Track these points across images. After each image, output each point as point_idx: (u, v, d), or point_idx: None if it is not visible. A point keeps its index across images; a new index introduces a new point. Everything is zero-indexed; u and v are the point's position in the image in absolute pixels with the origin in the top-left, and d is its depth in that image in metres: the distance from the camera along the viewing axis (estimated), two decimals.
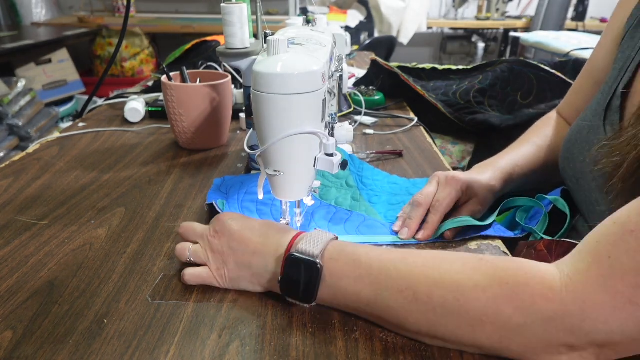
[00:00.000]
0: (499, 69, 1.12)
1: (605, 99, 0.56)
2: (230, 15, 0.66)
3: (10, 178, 0.74)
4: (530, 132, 0.74)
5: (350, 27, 3.13)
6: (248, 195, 0.66)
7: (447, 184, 0.60)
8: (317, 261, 0.42)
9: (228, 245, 0.47)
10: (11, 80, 2.18)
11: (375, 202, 0.67)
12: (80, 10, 3.53)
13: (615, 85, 0.56)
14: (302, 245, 0.44)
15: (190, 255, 0.49)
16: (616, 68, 0.58)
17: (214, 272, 0.48)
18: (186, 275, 0.48)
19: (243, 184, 0.69)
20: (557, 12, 3.16)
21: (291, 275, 0.43)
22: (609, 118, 0.55)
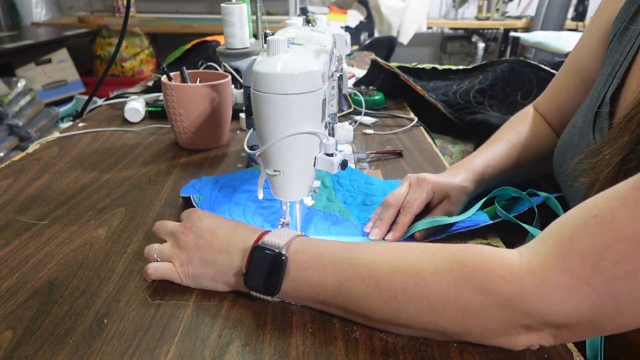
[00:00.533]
0: (499, 69, 1.12)
1: (595, 104, 0.56)
2: (230, 15, 0.66)
3: (10, 178, 0.74)
4: (504, 129, 0.73)
5: (350, 27, 3.13)
6: (220, 193, 0.66)
7: (418, 185, 0.61)
8: (282, 252, 0.43)
9: (195, 242, 0.48)
10: (11, 80, 2.18)
11: (349, 203, 0.66)
12: (80, 10, 3.53)
13: (604, 91, 0.55)
14: (268, 238, 0.44)
15: (156, 254, 0.49)
16: (604, 73, 0.57)
17: (178, 268, 0.48)
18: (149, 269, 0.48)
19: (217, 182, 0.69)
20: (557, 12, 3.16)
21: (255, 267, 0.44)
22: (598, 125, 0.54)
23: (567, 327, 0.35)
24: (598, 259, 0.33)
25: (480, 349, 0.41)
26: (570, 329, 0.35)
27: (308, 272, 0.43)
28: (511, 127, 0.73)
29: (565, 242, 0.35)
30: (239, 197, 0.65)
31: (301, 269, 0.43)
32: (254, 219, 0.61)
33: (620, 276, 0.32)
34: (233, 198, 0.65)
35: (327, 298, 0.43)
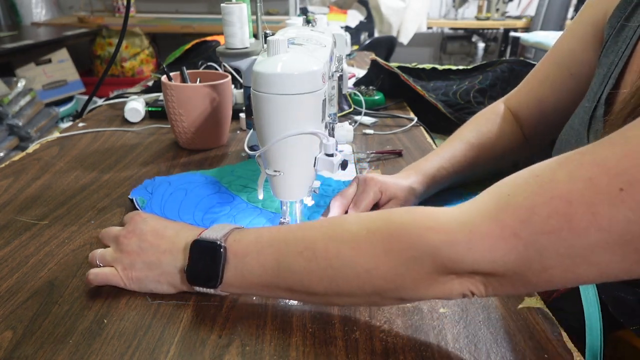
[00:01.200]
0: (499, 69, 1.12)
1: (591, 106, 0.55)
2: (230, 15, 0.66)
3: (10, 178, 0.74)
4: (466, 126, 0.72)
5: (350, 27, 3.13)
6: (172, 197, 0.66)
7: (366, 184, 0.61)
8: (220, 243, 0.43)
9: (138, 245, 0.47)
10: (11, 80, 2.18)
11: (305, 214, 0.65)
12: (80, 10, 3.53)
13: (600, 92, 0.54)
14: (206, 233, 0.45)
15: (98, 259, 0.49)
16: (600, 74, 0.56)
17: (120, 272, 0.47)
18: (90, 274, 0.47)
19: (170, 184, 0.69)
20: (557, 12, 3.16)
21: (196, 262, 0.44)
22: (593, 127, 0.54)
23: (495, 277, 0.36)
24: (530, 213, 0.33)
25: (480, 350, 0.41)
26: (498, 279, 0.36)
27: (248, 257, 0.43)
28: (473, 124, 0.72)
29: (501, 197, 0.36)
30: (189, 202, 0.65)
31: (241, 256, 0.43)
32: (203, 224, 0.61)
33: (548, 231, 0.33)
34: (183, 202, 0.65)
35: (269, 280, 0.43)
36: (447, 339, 0.43)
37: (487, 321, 0.45)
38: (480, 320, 0.45)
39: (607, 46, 0.57)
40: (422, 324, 0.44)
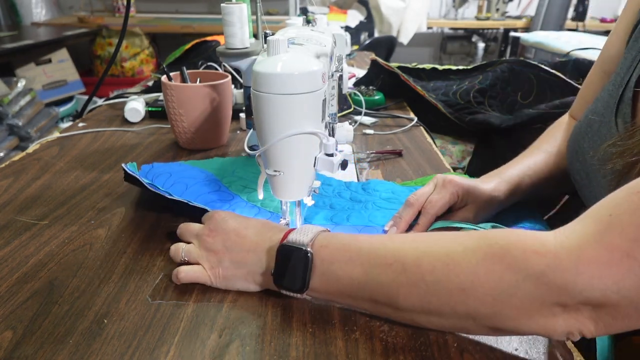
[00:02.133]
0: (499, 69, 1.12)
1: (617, 90, 0.54)
2: (230, 15, 0.66)
3: (10, 178, 0.74)
4: (542, 138, 0.72)
5: (350, 27, 3.13)
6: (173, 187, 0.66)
7: (444, 186, 0.59)
8: (307, 249, 0.43)
9: (223, 244, 0.47)
10: (11, 80, 2.18)
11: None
12: (80, 10, 3.53)
13: (628, 76, 0.53)
14: (293, 236, 0.44)
15: (184, 254, 0.49)
16: (628, 58, 0.55)
17: (208, 270, 0.48)
18: (181, 272, 0.48)
19: (171, 176, 0.69)
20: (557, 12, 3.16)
21: (283, 265, 0.44)
22: (621, 111, 0.52)
23: (607, 308, 0.33)
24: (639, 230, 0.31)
25: (480, 349, 0.41)
26: (610, 310, 0.33)
27: (334, 265, 0.43)
28: (548, 135, 0.71)
29: (603, 218, 0.34)
30: (188, 196, 0.64)
31: (327, 263, 0.43)
32: None
33: None
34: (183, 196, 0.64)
35: (355, 290, 0.42)
36: (447, 339, 0.43)
37: None
38: None
39: (636, 31, 0.56)
40: None
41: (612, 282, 0.32)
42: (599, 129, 0.55)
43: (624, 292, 0.32)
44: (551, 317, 0.35)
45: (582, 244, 0.33)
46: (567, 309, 0.34)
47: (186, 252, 0.49)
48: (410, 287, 0.39)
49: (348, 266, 0.42)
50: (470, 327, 0.39)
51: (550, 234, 0.36)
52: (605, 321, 0.33)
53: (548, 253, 0.34)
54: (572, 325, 0.34)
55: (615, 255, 0.32)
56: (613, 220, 0.33)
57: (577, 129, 0.60)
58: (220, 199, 0.65)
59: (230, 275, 0.47)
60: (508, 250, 0.36)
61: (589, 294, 0.33)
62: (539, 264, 0.34)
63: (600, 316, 0.33)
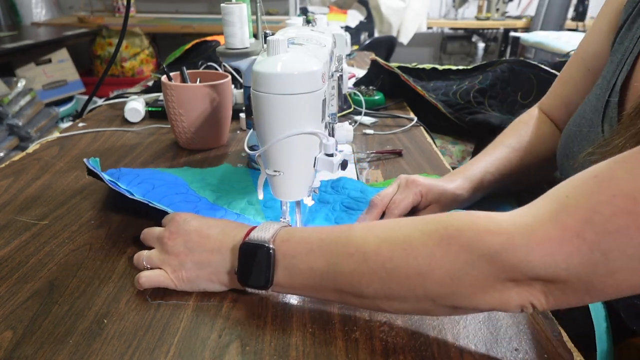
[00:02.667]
0: (499, 69, 1.12)
1: (604, 94, 0.55)
2: (230, 15, 0.66)
3: (10, 178, 0.74)
4: (505, 133, 0.72)
5: (350, 27, 3.13)
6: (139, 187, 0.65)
7: (407, 186, 0.60)
8: (269, 245, 0.43)
9: (185, 245, 0.47)
10: (11, 80, 2.18)
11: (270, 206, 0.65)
12: (80, 10, 3.53)
13: (614, 80, 0.54)
14: (254, 234, 0.44)
15: (145, 261, 0.49)
16: (614, 61, 0.56)
17: (171, 274, 0.47)
18: (142, 278, 0.47)
19: (138, 176, 0.68)
20: (557, 12, 3.16)
21: (246, 263, 0.44)
22: (607, 116, 0.53)
23: (557, 284, 0.34)
24: (592, 213, 0.32)
25: (480, 349, 0.41)
26: (560, 286, 0.34)
27: (296, 259, 0.43)
28: (513, 130, 0.72)
29: (560, 199, 0.35)
30: (154, 196, 0.64)
31: (289, 257, 0.43)
32: None
33: (613, 230, 0.31)
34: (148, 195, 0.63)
35: (319, 281, 0.42)
36: (447, 339, 0.43)
37: (487, 321, 0.45)
38: (480, 320, 0.45)
39: (621, 33, 0.57)
40: (422, 324, 0.44)
41: (562, 260, 0.33)
42: (587, 133, 0.56)
43: (572, 269, 0.33)
44: (506, 292, 0.36)
45: (535, 223, 0.34)
46: (519, 284, 0.35)
47: (147, 259, 0.49)
48: (371, 275, 0.40)
49: (310, 258, 0.42)
50: (430, 308, 0.39)
51: (505, 214, 0.37)
52: (556, 295, 0.35)
53: (502, 232, 0.35)
54: (524, 298, 0.35)
55: (567, 234, 0.33)
56: (569, 202, 0.34)
57: (566, 133, 0.61)
58: (185, 200, 0.64)
59: (194, 277, 0.47)
60: (462, 231, 0.37)
61: (540, 271, 0.34)
62: (493, 244, 0.35)
63: (551, 290, 0.35)
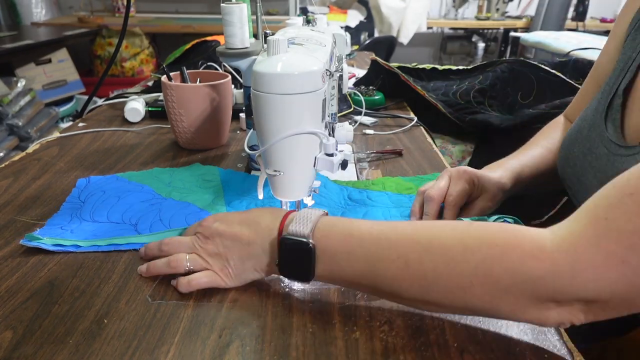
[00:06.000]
0: (499, 69, 1.12)
1: (607, 98, 0.56)
2: (230, 15, 0.66)
3: (10, 178, 0.74)
4: (538, 135, 0.75)
5: (350, 27, 3.13)
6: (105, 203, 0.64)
7: (459, 177, 0.61)
8: (309, 241, 0.43)
9: (222, 244, 0.48)
10: (11, 80, 2.18)
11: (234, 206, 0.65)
12: (80, 10, 3.53)
13: (617, 84, 0.56)
14: (293, 227, 0.44)
15: (190, 263, 0.48)
16: (617, 68, 0.58)
17: (219, 272, 0.48)
18: (193, 281, 0.47)
19: (104, 193, 0.67)
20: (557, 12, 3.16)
21: (287, 258, 0.45)
22: (610, 116, 0.55)
23: (599, 303, 0.35)
24: (636, 237, 0.32)
25: (480, 349, 0.41)
26: (601, 305, 0.35)
27: (337, 256, 0.43)
28: (545, 133, 0.74)
29: (599, 222, 0.35)
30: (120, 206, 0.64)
31: (330, 254, 0.44)
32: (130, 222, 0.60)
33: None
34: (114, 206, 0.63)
35: (358, 279, 0.43)
36: (447, 339, 0.43)
37: (487, 321, 0.45)
38: (480, 320, 0.45)
39: (627, 42, 0.59)
40: (422, 324, 0.44)
41: (606, 285, 0.34)
42: (588, 133, 0.58)
43: (617, 293, 0.34)
44: (545, 311, 0.36)
45: (579, 248, 0.35)
46: (560, 304, 0.36)
47: (192, 261, 0.48)
48: (412, 281, 0.40)
49: (351, 258, 0.43)
50: (469, 314, 0.42)
51: (547, 235, 0.37)
52: (595, 313, 0.36)
53: (546, 258, 0.35)
54: (564, 317, 0.36)
55: (611, 261, 0.33)
56: (609, 225, 0.34)
57: (567, 137, 0.62)
58: (150, 203, 0.64)
59: (241, 271, 0.48)
60: (507, 253, 0.37)
61: (583, 295, 0.35)
62: (537, 269, 0.35)
63: (591, 309, 0.35)
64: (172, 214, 0.62)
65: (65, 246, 0.55)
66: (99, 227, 0.59)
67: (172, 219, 0.61)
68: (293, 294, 0.48)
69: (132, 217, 0.61)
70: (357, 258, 0.42)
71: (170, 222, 0.60)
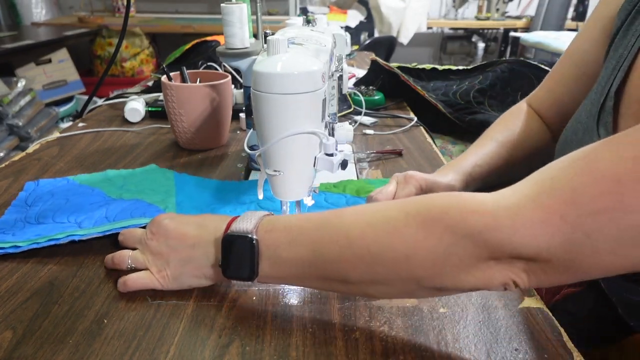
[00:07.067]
0: (499, 69, 1.12)
1: (599, 99, 0.55)
2: (230, 15, 0.66)
3: (10, 178, 0.74)
4: (493, 127, 0.73)
5: (350, 27, 3.13)
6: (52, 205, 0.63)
7: (407, 182, 0.61)
8: (252, 236, 0.43)
9: (166, 244, 0.47)
10: (11, 80, 2.18)
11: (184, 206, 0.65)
12: (80, 10, 3.53)
13: (609, 85, 0.55)
14: (236, 225, 0.44)
15: (131, 261, 0.49)
16: (609, 67, 0.56)
17: (156, 274, 0.47)
18: (128, 280, 0.47)
19: (53, 196, 0.66)
20: (557, 12, 3.16)
21: (229, 256, 0.44)
22: (602, 119, 0.54)
23: (539, 263, 0.34)
24: (575, 194, 0.33)
25: (480, 349, 0.41)
26: (542, 265, 0.34)
27: (280, 249, 0.43)
28: (502, 124, 0.72)
29: (545, 181, 0.35)
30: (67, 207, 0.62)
31: (273, 248, 0.43)
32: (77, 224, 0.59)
33: (596, 212, 0.32)
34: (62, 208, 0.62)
35: (305, 270, 0.42)
36: (447, 339, 0.43)
37: (487, 321, 0.45)
38: (480, 320, 0.45)
39: (616, 40, 0.57)
40: (422, 324, 0.44)
41: (544, 240, 0.33)
42: (582, 136, 0.57)
43: (554, 249, 0.33)
44: (488, 271, 0.36)
45: (519, 203, 0.35)
46: (501, 262, 0.35)
47: (133, 259, 0.49)
48: (356, 259, 0.39)
49: (294, 247, 0.42)
50: (415, 290, 0.40)
51: (489, 194, 0.37)
52: (537, 274, 0.35)
53: (486, 212, 0.35)
54: (506, 276, 0.36)
55: (549, 215, 0.33)
56: (553, 184, 0.34)
57: (563, 139, 0.62)
58: (100, 206, 0.63)
59: (179, 274, 0.47)
60: (446, 212, 0.37)
61: (522, 250, 0.34)
62: (477, 224, 0.35)
63: (533, 269, 0.35)
64: (119, 210, 0.60)
65: (4, 248, 0.54)
66: (43, 228, 0.57)
67: (118, 215, 0.59)
68: (293, 294, 0.48)
69: (77, 217, 0.60)
70: (300, 247, 0.42)
71: (115, 217, 0.59)
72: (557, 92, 0.70)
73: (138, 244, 0.50)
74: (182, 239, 0.47)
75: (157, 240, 0.48)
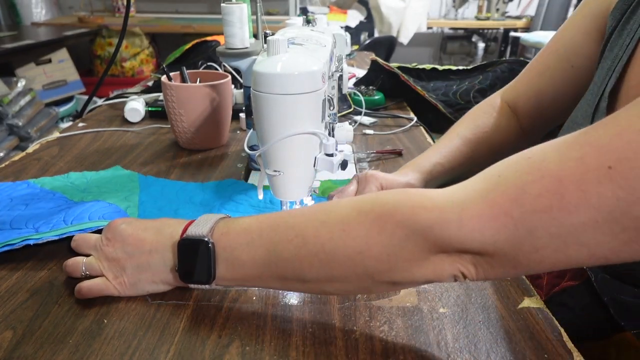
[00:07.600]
0: (499, 69, 1.12)
1: (594, 100, 0.55)
2: (230, 15, 0.66)
3: (10, 178, 0.74)
4: (461, 122, 0.72)
5: (350, 27, 3.13)
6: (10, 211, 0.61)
7: (367, 181, 0.61)
8: (207, 239, 0.43)
9: (123, 250, 0.46)
10: (11, 80, 2.18)
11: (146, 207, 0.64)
12: (80, 10, 3.53)
13: (604, 86, 0.54)
14: (192, 229, 0.44)
15: (85, 268, 0.47)
16: (604, 67, 0.56)
17: (112, 280, 0.46)
18: (83, 288, 0.46)
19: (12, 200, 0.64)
20: (557, 12, 3.16)
21: (186, 260, 0.44)
22: (596, 120, 0.52)
23: (485, 257, 0.35)
24: (520, 192, 0.33)
25: (480, 349, 0.41)
26: (488, 259, 0.35)
27: (237, 250, 0.43)
28: (469, 119, 0.72)
29: (492, 178, 0.36)
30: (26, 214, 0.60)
31: (230, 250, 0.43)
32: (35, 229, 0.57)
33: (539, 210, 0.32)
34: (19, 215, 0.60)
35: (262, 270, 0.42)
36: (447, 339, 0.43)
37: (487, 321, 0.45)
38: (480, 320, 0.45)
39: (611, 39, 0.57)
40: (422, 324, 0.44)
41: (490, 235, 0.34)
42: None
43: (499, 244, 0.34)
44: (439, 263, 0.37)
45: (467, 199, 0.36)
46: (450, 255, 0.37)
47: (87, 265, 0.47)
48: (312, 258, 0.40)
49: (250, 249, 0.42)
50: (370, 286, 0.40)
51: (439, 190, 0.38)
52: (484, 267, 0.36)
53: (435, 208, 0.36)
54: (455, 268, 0.37)
55: (495, 212, 0.34)
56: (500, 181, 0.35)
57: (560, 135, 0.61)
58: (59, 209, 0.61)
59: (136, 281, 0.46)
60: (397, 208, 0.38)
61: (469, 245, 0.35)
62: (426, 219, 0.36)
63: (480, 263, 0.36)
64: (78, 213, 0.59)
65: None
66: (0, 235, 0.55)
67: (76, 218, 0.58)
68: (293, 294, 0.48)
69: (35, 223, 0.58)
70: (256, 247, 0.42)
71: (73, 220, 0.57)
72: (538, 83, 0.68)
73: (92, 250, 0.49)
74: (138, 245, 0.46)
75: (112, 246, 0.47)
